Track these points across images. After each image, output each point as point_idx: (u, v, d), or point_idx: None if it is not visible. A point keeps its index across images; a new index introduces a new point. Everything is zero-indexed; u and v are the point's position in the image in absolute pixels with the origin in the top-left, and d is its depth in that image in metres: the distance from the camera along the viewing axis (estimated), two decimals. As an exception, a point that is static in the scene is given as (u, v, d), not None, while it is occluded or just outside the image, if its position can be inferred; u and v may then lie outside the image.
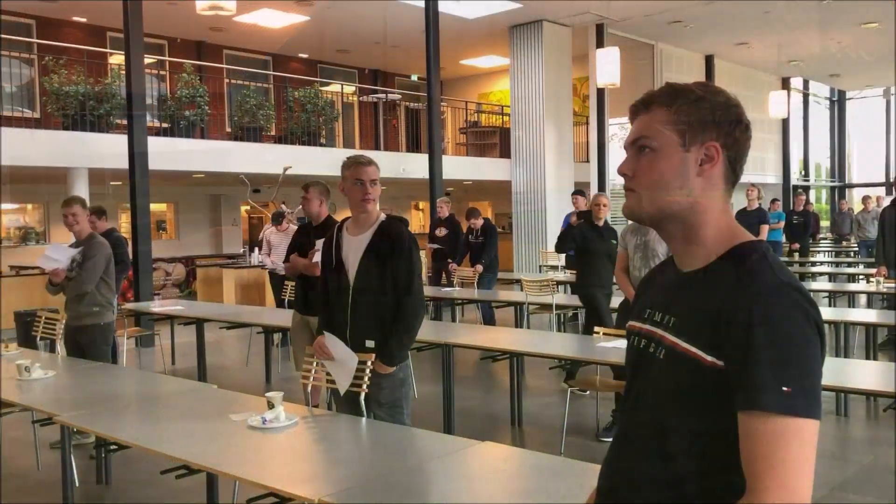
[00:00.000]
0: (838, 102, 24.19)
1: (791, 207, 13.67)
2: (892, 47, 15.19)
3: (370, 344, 3.30)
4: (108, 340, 4.94)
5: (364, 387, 3.28)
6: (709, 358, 1.16)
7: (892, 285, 7.37)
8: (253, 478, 2.43)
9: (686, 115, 1.26)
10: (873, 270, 8.12)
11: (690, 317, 1.22)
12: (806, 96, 22.58)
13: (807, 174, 23.08)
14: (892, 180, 21.94)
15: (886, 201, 12.61)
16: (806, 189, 21.83)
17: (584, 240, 6.28)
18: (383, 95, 15.10)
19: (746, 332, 1.12)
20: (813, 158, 23.40)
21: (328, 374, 3.49)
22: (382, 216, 3.42)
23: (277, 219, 9.37)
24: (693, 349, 1.19)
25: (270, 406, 3.13)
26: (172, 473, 2.74)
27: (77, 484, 4.23)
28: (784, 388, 1.08)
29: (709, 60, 17.19)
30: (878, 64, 18.77)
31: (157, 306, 7.41)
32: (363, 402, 3.30)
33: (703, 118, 1.25)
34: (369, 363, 3.27)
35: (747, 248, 1.24)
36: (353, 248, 3.39)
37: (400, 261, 3.27)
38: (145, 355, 8.59)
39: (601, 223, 6.27)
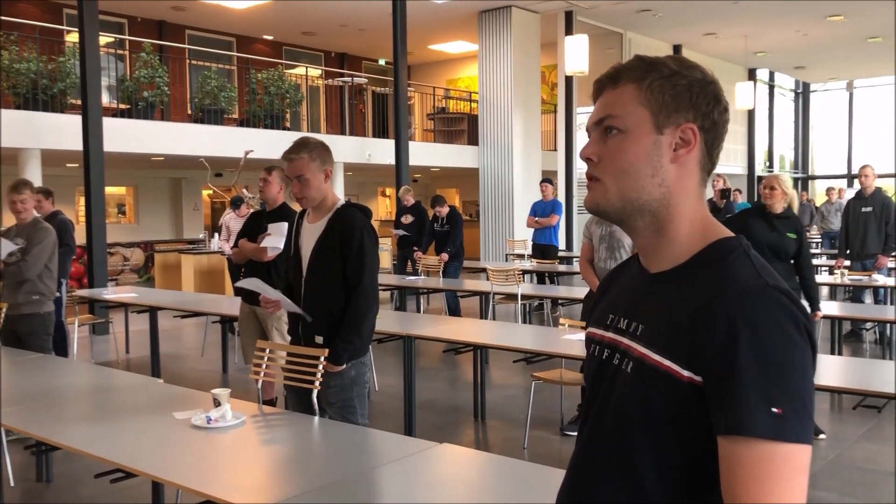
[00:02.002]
0: (803, 94, 24.41)
1: (757, 199, 13.69)
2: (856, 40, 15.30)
3: (319, 340, 3.12)
4: (48, 330, 4.70)
5: (316, 384, 3.12)
6: (685, 373, 1.01)
7: (856, 277, 7.38)
8: (191, 484, 2.26)
9: (660, 91, 1.09)
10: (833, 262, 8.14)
11: (662, 324, 1.07)
12: (772, 88, 22.73)
13: (771, 165, 23.27)
14: (857, 172, 22.20)
15: (849, 193, 12.71)
16: (770, 180, 22.00)
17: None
18: (349, 79, 14.83)
19: (728, 342, 0.96)
20: (777, 150, 23.59)
21: (283, 367, 3.32)
22: (340, 203, 3.23)
23: (236, 203, 9.11)
24: (666, 362, 1.03)
25: (217, 404, 2.96)
26: (107, 477, 2.56)
27: (13, 483, 4.02)
28: (773, 410, 0.93)
29: (677, 50, 17.16)
30: (842, 57, 18.94)
31: (110, 293, 7.15)
32: (316, 401, 3.13)
33: (678, 96, 1.09)
34: (322, 359, 3.10)
35: (725, 245, 1.08)
36: (308, 237, 3.21)
37: (349, 252, 3.08)
38: (99, 343, 8.32)
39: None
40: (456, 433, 5.23)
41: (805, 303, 4.58)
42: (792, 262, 4.83)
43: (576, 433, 4.51)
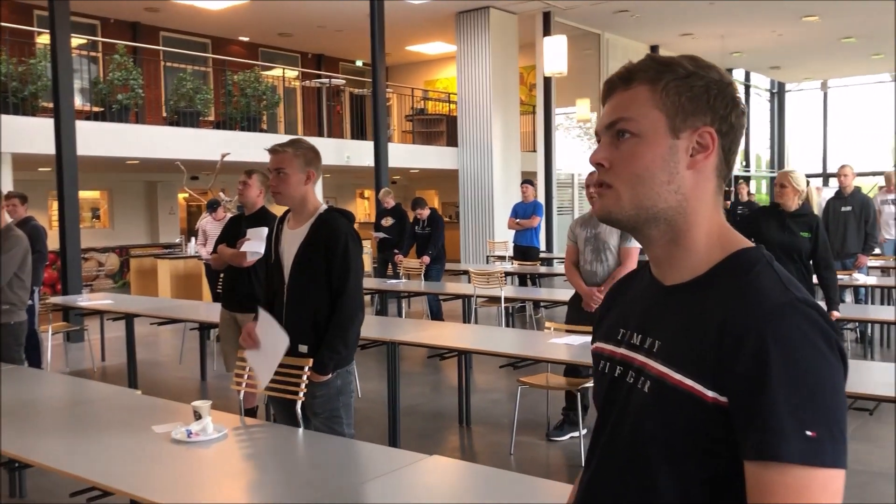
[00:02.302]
0: (778, 94, 24.62)
1: (734, 198, 13.77)
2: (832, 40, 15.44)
3: (304, 349, 3.03)
4: (20, 341, 4.55)
5: (301, 395, 3.03)
6: (710, 393, 0.94)
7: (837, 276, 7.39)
8: (171, 502, 2.16)
9: (676, 93, 1.03)
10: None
11: (681, 341, 1.00)
12: (747, 88, 22.90)
13: (748, 165, 23.45)
14: (836, 172, 22.42)
15: (826, 192, 12.81)
16: (747, 180, 22.17)
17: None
18: (327, 81, 14.70)
19: (757, 361, 0.90)
20: (753, 149, 23.77)
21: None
22: (323, 208, 3.15)
23: (213, 206, 8.97)
24: (688, 382, 0.96)
25: (197, 416, 2.86)
26: (84, 496, 2.46)
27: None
28: (808, 433, 0.87)
29: (654, 50, 17.24)
30: (817, 57, 19.12)
31: (84, 300, 6.98)
32: (300, 412, 3.04)
33: (695, 98, 1.03)
34: (306, 369, 3.01)
35: (748, 256, 1.02)
36: (290, 243, 3.12)
37: (334, 258, 2.99)
38: (74, 351, 8.15)
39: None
40: (441, 440, 5.16)
41: (822, 303, 4.52)
42: (811, 262, 4.66)
43: (562, 438, 4.45)
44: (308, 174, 3.09)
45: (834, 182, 19.61)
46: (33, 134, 9.52)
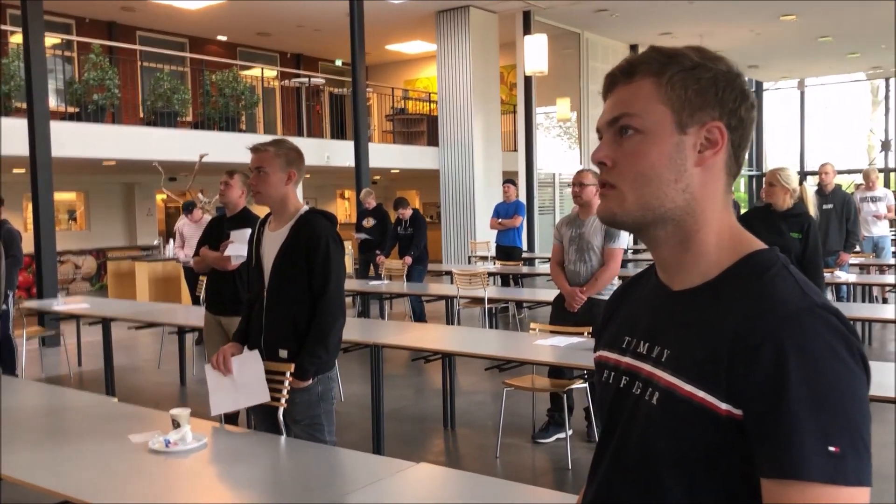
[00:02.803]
0: (755, 93, 24.79)
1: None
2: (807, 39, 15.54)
3: (284, 354, 2.96)
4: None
5: (283, 401, 2.95)
6: (723, 406, 0.89)
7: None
8: (149, 518, 2.08)
9: (682, 86, 0.97)
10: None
11: (692, 349, 0.94)
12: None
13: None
14: (817, 170, 22.58)
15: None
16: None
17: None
18: (306, 80, 14.57)
19: (775, 371, 0.84)
20: (732, 148, 23.89)
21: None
22: (304, 209, 3.07)
23: (188, 208, 8.83)
24: (700, 394, 0.91)
25: (176, 425, 2.77)
26: (57, 509, 2.36)
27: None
28: (831, 448, 0.82)
29: (634, 49, 17.26)
30: (794, 56, 19.25)
31: (60, 304, 6.84)
32: (282, 419, 2.96)
33: (702, 91, 0.97)
34: (288, 374, 2.93)
35: (761, 258, 0.96)
36: (270, 246, 3.04)
37: (315, 260, 2.92)
38: (49, 356, 7.99)
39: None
40: (426, 444, 5.09)
41: None
42: (799, 264, 4.42)
43: (547, 440, 4.38)
44: (289, 174, 3.02)
45: (811, 180, 19.77)
46: (6, 135, 9.33)
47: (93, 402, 3.42)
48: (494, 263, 9.92)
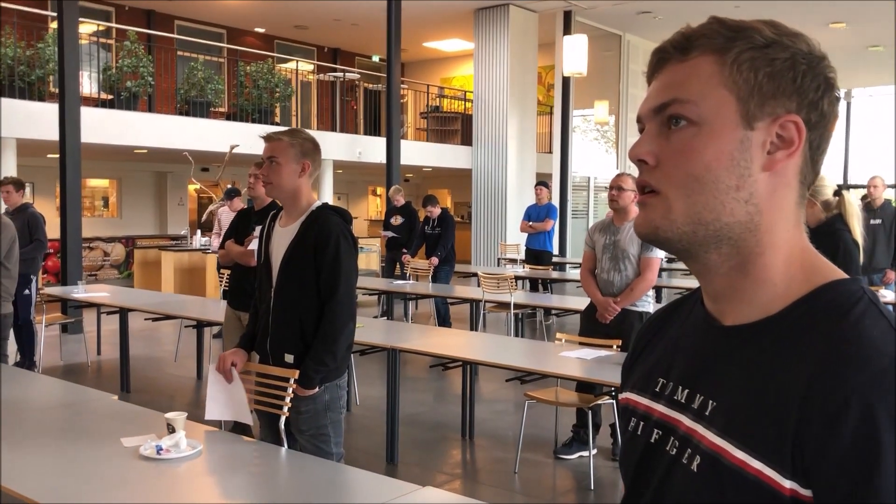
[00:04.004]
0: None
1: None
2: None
3: (290, 359, 2.77)
4: (2, 334, 4.32)
5: (285, 409, 2.76)
6: (787, 483, 0.68)
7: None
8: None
9: (751, 68, 0.76)
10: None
11: (747, 405, 0.73)
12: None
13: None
14: (866, 183, 21.96)
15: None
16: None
17: None
18: (341, 75, 14.46)
19: (862, 442, 0.64)
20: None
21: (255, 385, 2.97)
22: (316, 204, 2.88)
23: (231, 195, 8.56)
24: (756, 465, 0.69)
25: (171, 430, 2.60)
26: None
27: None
28: None
29: (676, 54, 16.88)
30: (842, 65, 18.69)
31: (80, 292, 6.75)
32: (283, 428, 2.78)
33: (777, 75, 0.76)
34: (292, 381, 2.75)
35: (842, 290, 0.75)
36: (280, 243, 2.86)
37: (323, 260, 2.72)
38: (70, 343, 7.92)
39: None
40: (442, 454, 4.88)
41: None
42: None
43: (570, 457, 4.11)
44: (303, 165, 2.83)
45: (855, 193, 19.19)
46: (40, 119, 9.32)
47: (91, 398, 3.27)
48: (524, 267, 9.68)
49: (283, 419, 2.78)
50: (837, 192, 3.84)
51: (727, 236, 0.77)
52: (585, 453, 4.52)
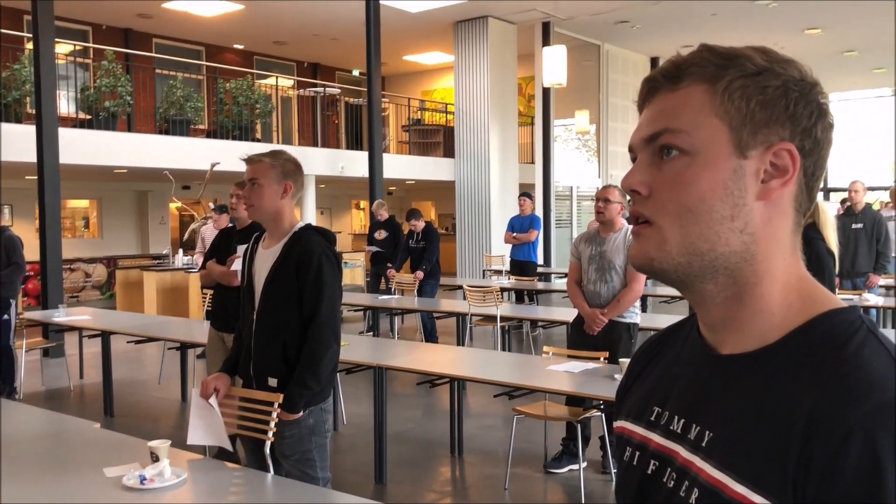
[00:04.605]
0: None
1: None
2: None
3: (273, 382, 2.72)
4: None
5: (270, 434, 2.71)
6: None
7: (847, 297, 7.12)
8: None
9: (743, 97, 0.75)
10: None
11: (746, 437, 0.71)
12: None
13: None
14: (847, 187, 22.17)
15: (829, 207, 12.54)
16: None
17: None
18: (322, 90, 14.43)
19: (865, 475, 0.62)
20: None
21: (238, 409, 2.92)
22: (299, 225, 2.85)
23: (222, 210, 8.34)
24: (757, 499, 0.67)
25: (154, 458, 2.55)
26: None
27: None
28: None
29: (654, 62, 17.01)
30: (818, 70, 18.88)
31: (62, 315, 6.66)
32: (269, 453, 2.73)
33: (769, 103, 0.75)
34: (276, 405, 2.70)
35: (840, 319, 0.73)
36: (263, 264, 2.82)
37: (306, 281, 2.69)
38: (52, 368, 7.81)
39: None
40: (431, 471, 4.84)
41: None
42: None
43: (560, 471, 4.08)
44: (285, 187, 2.80)
45: (834, 197, 19.40)
46: (17, 141, 9.21)
47: (72, 427, 3.20)
48: (509, 278, 9.68)
49: (268, 444, 2.73)
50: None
51: (723, 266, 0.76)
52: (575, 466, 4.49)
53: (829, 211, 4.04)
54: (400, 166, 13.91)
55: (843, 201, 9.99)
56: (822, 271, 3.95)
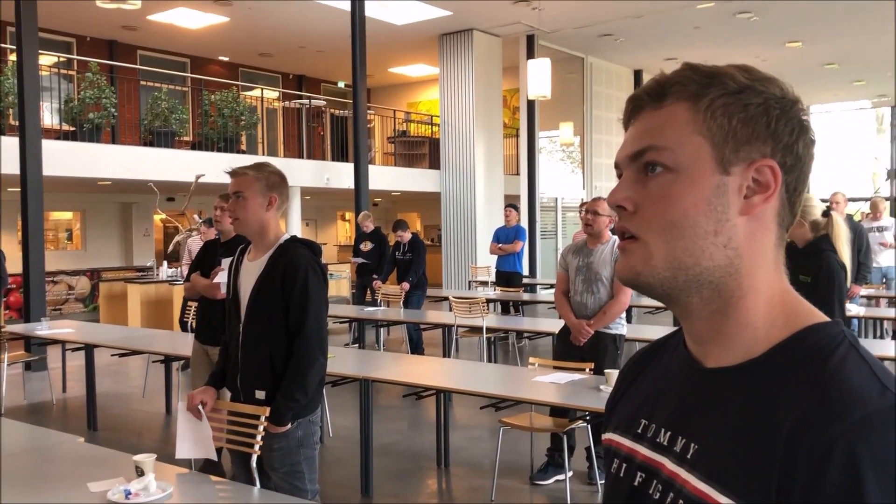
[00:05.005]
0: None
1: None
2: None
3: (261, 395, 2.72)
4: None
5: (257, 447, 2.71)
6: None
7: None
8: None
9: (725, 114, 0.76)
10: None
11: (730, 449, 0.72)
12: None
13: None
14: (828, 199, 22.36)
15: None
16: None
17: None
18: (307, 101, 14.44)
19: (846, 488, 0.63)
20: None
21: (227, 422, 2.90)
22: (284, 238, 2.85)
23: (210, 223, 8.32)
24: None
25: (140, 473, 2.53)
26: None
27: None
28: None
29: (638, 75, 17.15)
30: (799, 83, 19.14)
31: (44, 329, 6.61)
32: (256, 467, 2.72)
33: (751, 120, 0.76)
34: (262, 418, 2.70)
35: (823, 334, 0.75)
36: (248, 277, 2.82)
37: (292, 293, 2.69)
38: (34, 382, 7.74)
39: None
40: (418, 483, 4.83)
41: None
42: None
43: (546, 482, 4.07)
44: (270, 199, 2.80)
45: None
46: (1, 153, 9.15)
47: (56, 442, 3.18)
48: (494, 289, 9.70)
49: (254, 457, 2.72)
50: (826, 213, 3.73)
51: (707, 280, 0.77)
52: (561, 477, 4.50)
53: (843, 224, 3.80)
54: (385, 178, 13.93)
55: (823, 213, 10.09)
56: (832, 283, 3.67)
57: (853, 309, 7.17)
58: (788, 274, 0.77)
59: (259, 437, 2.70)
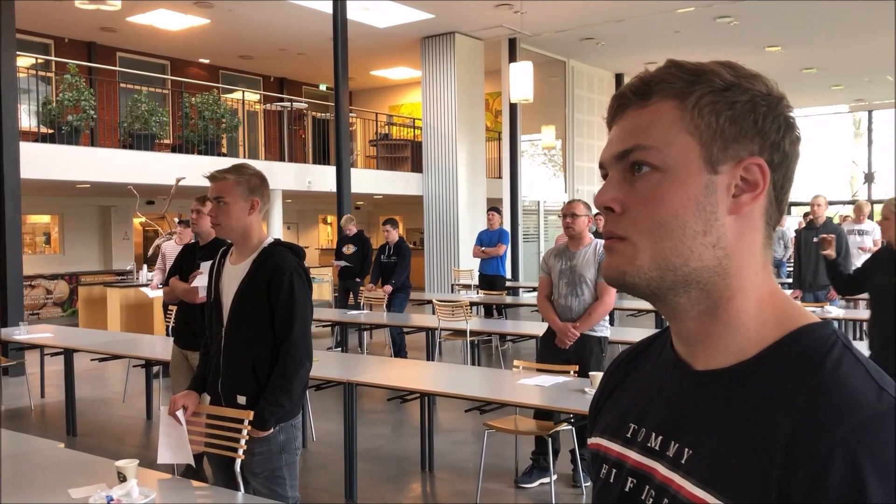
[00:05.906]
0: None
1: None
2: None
3: (242, 400, 2.69)
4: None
5: (240, 452, 2.68)
6: None
7: (809, 309, 7.24)
8: None
9: (712, 112, 0.75)
10: (788, 292, 8.01)
11: (726, 454, 0.71)
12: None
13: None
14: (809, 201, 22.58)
15: (790, 221, 12.78)
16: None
17: None
18: (288, 104, 14.38)
19: (849, 493, 0.63)
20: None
21: (206, 427, 2.87)
22: (268, 241, 2.82)
23: (187, 225, 8.25)
24: None
25: (122, 478, 2.50)
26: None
27: None
28: None
29: (619, 79, 17.24)
30: (779, 86, 19.30)
31: (22, 333, 6.52)
32: (239, 471, 2.69)
33: (739, 118, 0.75)
34: (245, 423, 2.67)
35: (815, 335, 0.74)
36: (231, 281, 2.79)
37: (277, 298, 2.66)
38: (12, 387, 7.64)
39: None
40: (402, 488, 4.80)
41: None
42: None
43: (531, 486, 4.08)
44: (252, 203, 2.78)
45: (795, 211, 19.75)
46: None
47: (35, 447, 3.13)
48: (478, 292, 9.69)
49: (238, 462, 2.69)
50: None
51: (696, 280, 0.76)
52: (546, 480, 4.50)
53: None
54: (368, 181, 13.90)
55: (805, 215, 10.18)
56: None
57: (833, 311, 7.25)
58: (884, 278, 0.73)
59: (243, 442, 2.68)
